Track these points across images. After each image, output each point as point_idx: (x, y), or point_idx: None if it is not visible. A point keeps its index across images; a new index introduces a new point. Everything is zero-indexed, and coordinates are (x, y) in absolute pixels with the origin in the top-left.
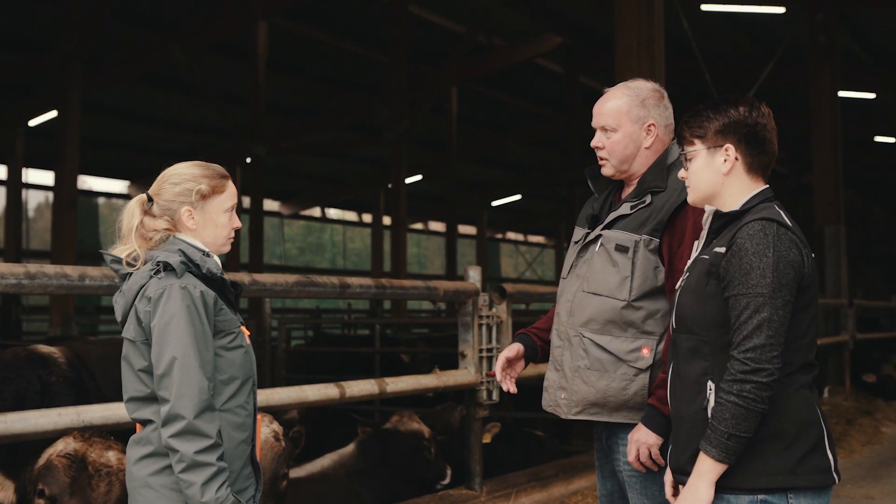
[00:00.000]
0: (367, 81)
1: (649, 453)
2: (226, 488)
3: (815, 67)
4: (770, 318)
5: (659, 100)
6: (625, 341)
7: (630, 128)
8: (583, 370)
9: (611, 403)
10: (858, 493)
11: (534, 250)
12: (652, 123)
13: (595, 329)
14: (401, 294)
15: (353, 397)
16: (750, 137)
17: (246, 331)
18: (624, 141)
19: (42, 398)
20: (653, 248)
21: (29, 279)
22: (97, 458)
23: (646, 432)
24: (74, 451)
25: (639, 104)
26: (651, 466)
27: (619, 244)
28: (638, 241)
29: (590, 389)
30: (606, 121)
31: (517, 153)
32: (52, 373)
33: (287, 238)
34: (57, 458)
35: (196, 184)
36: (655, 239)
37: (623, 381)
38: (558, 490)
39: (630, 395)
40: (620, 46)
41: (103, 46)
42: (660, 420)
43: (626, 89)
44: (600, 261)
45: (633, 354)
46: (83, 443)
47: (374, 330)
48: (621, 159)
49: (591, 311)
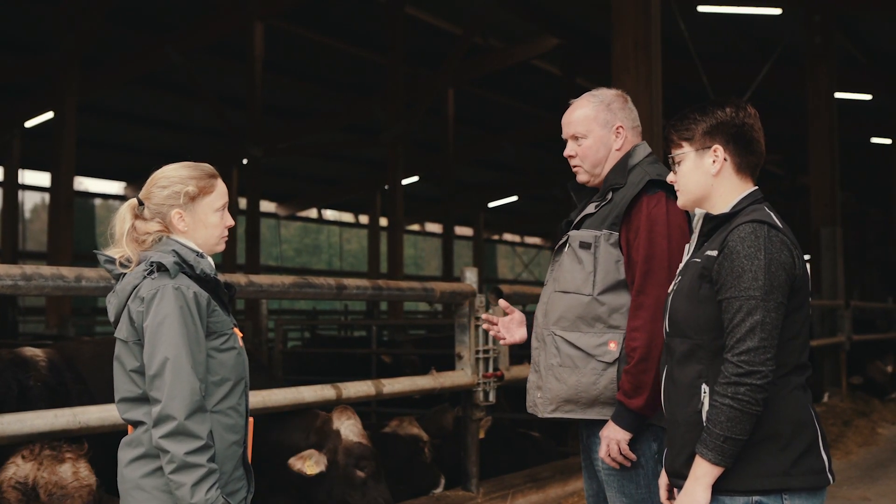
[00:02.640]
0: (364, 83)
1: (618, 449)
2: (216, 490)
3: (811, 69)
4: (763, 321)
5: (624, 103)
6: (593, 336)
7: (599, 132)
8: (555, 368)
9: (583, 399)
10: (854, 495)
11: (530, 252)
12: (620, 126)
13: (565, 326)
14: (397, 295)
15: (350, 398)
16: (738, 138)
17: (239, 332)
18: (595, 145)
19: (19, 402)
20: (613, 242)
21: (25, 280)
22: (48, 478)
23: (614, 428)
24: (24, 479)
25: (605, 108)
26: (623, 462)
27: (583, 241)
28: (598, 236)
29: (562, 386)
30: (576, 128)
31: (514, 154)
32: (31, 377)
33: (284, 239)
34: (7, 488)
35: (184, 186)
36: (615, 233)
37: (593, 376)
38: (554, 491)
39: (600, 389)
40: (617, 48)
41: (100, 48)
42: (627, 415)
43: (591, 97)
44: (568, 260)
45: (601, 349)
46: (33, 461)
47: (370, 331)
48: (593, 163)
49: (562, 309)
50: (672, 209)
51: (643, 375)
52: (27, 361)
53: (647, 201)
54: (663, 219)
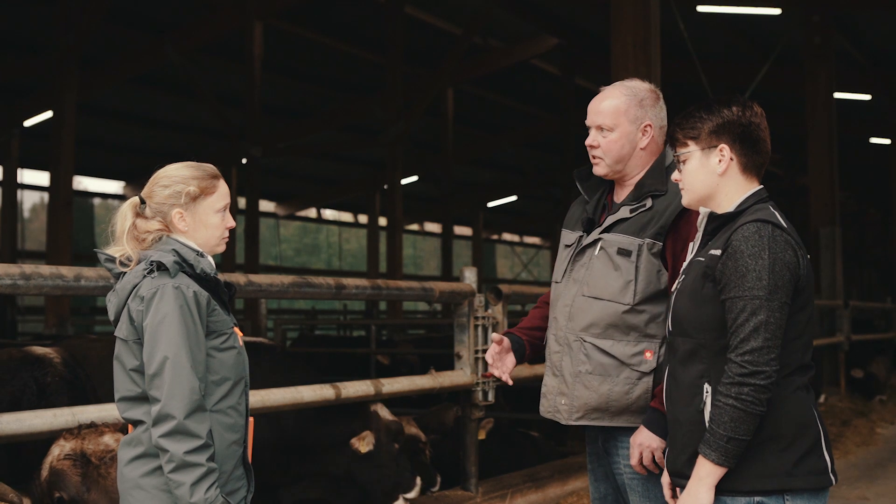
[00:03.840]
0: (363, 82)
1: (652, 457)
2: (215, 489)
3: (810, 69)
4: (767, 321)
5: (655, 100)
6: (628, 345)
7: (627, 128)
8: (584, 375)
9: (613, 408)
10: (853, 494)
11: (529, 251)
12: (648, 124)
13: (596, 333)
14: (396, 295)
15: (349, 398)
16: (744, 137)
17: (239, 332)
18: (620, 141)
19: (39, 399)
20: (656, 252)
21: (24, 280)
22: (96, 448)
23: (648, 435)
24: (73, 451)
25: (637, 104)
26: (653, 469)
27: (622, 248)
28: (641, 244)
29: (592, 394)
30: (603, 120)
31: (513, 154)
32: (48, 373)
33: (283, 239)
34: (60, 463)
35: (185, 185)
36: (659, 243)
37: (626, 385)
38: (554, 491)
39: (633, 399)
40: (616, 47)
41: (98, 47)
42: (662, 423)
43: (624, 88)
44: (601, 265)
45: (637, 358)
46: (76, 439)
47: (369, 331)
48: (616, 159)
49: (593, 316)
50: None
51: None
52: (41, 359)
53: (695, 212)
54: None
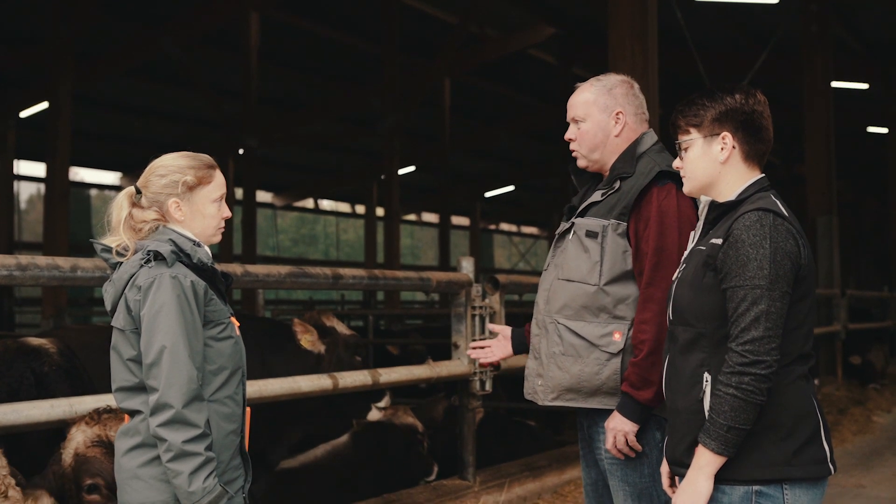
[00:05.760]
0: (360, 73)
1: (626, 440)
2: (213, 478)
3: (808, 58)
4: (768, 310)
5: (628, 89)
6: (597, 326)
7: (598, 116)
8: (558, 356)
9: (585, 388)
10: (849, 482)
11: (527, 241)
12: (620, 111)
13: (569, 315)
14: (394, 285)
15: (347, 388)
16: (747, 125)
17: (236, 321)
18: (592, 129)
19: (38, 390)
20: (621, 232)
21: (20, 270)
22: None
23: (621, 420)
24: (98, 437)
25: (606, 93)
26: (629, 453)
27: (589, 230)
28: (606, 225)
29: (564, 375)
30: (576, 112)
31: (510, 144)
32: (45, 363)
33: (280, 229)
34: (89, 450)
35: (182, 175)
36: (623, 223)
37: (596, 366)
38: (551, 480)
39: (603, 379)
40: (614, 37)
41: (95, 38)
42: (634, 407)
43: (596, 82)
44: (573, 248)
45: (605, 339)
46: (98, 425)
47: (367, 321)
48: (590, 148)
49: (566, 298)
50: (683, 201)
51: (652, 368)
52: (37, 350)
53: (657, 192)
54: (674, 211)
